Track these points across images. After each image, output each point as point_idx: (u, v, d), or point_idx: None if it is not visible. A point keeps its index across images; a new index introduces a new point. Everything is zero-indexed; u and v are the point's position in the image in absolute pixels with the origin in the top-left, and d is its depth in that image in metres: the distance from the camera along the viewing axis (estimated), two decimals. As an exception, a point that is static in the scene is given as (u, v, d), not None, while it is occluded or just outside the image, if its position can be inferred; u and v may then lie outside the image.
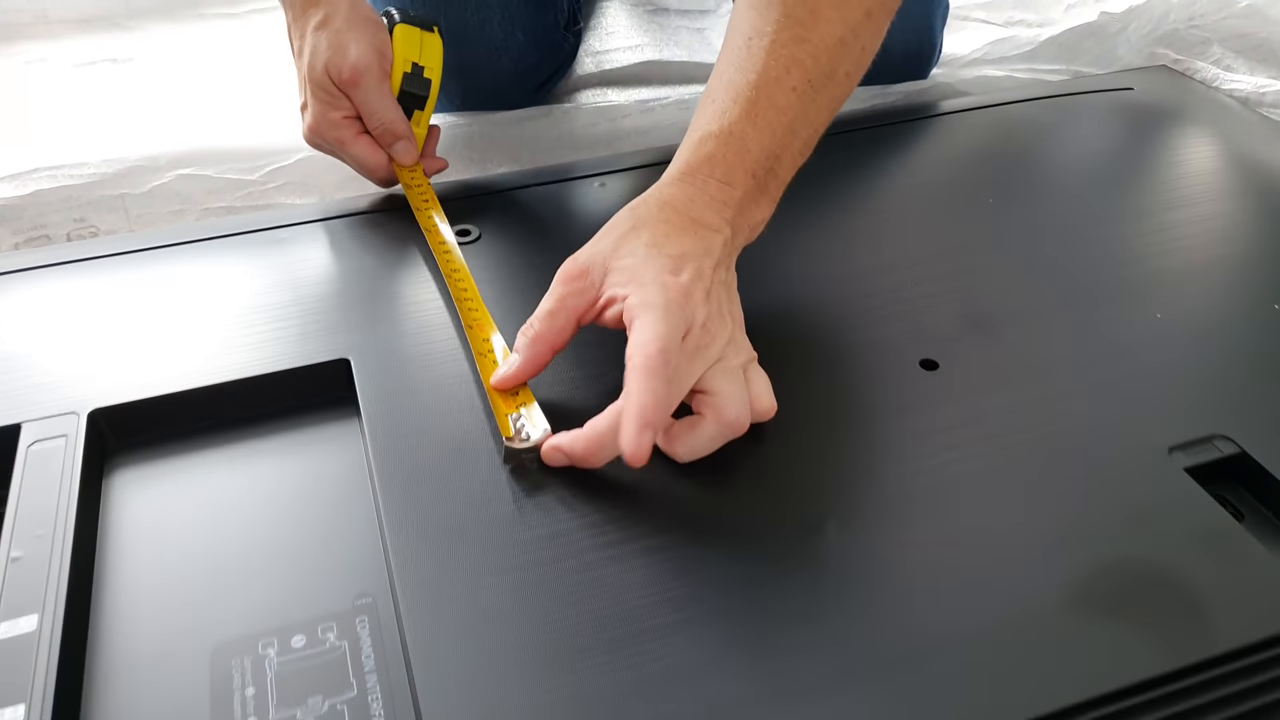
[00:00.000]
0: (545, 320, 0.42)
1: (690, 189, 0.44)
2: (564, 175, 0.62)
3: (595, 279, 0.42)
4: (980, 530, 0.38)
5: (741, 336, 0.43)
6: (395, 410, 0.43)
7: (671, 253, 0.42)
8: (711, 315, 0.41)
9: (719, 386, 0.40)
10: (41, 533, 0.38)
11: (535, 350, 0.42)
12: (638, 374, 0.37)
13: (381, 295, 0.50)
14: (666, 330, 0.38)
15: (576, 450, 0.39)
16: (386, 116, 0.55)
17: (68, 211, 0.62)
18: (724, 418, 0.40)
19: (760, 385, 0.42)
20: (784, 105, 0.45)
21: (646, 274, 0.41)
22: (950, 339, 0.47)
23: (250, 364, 0.45)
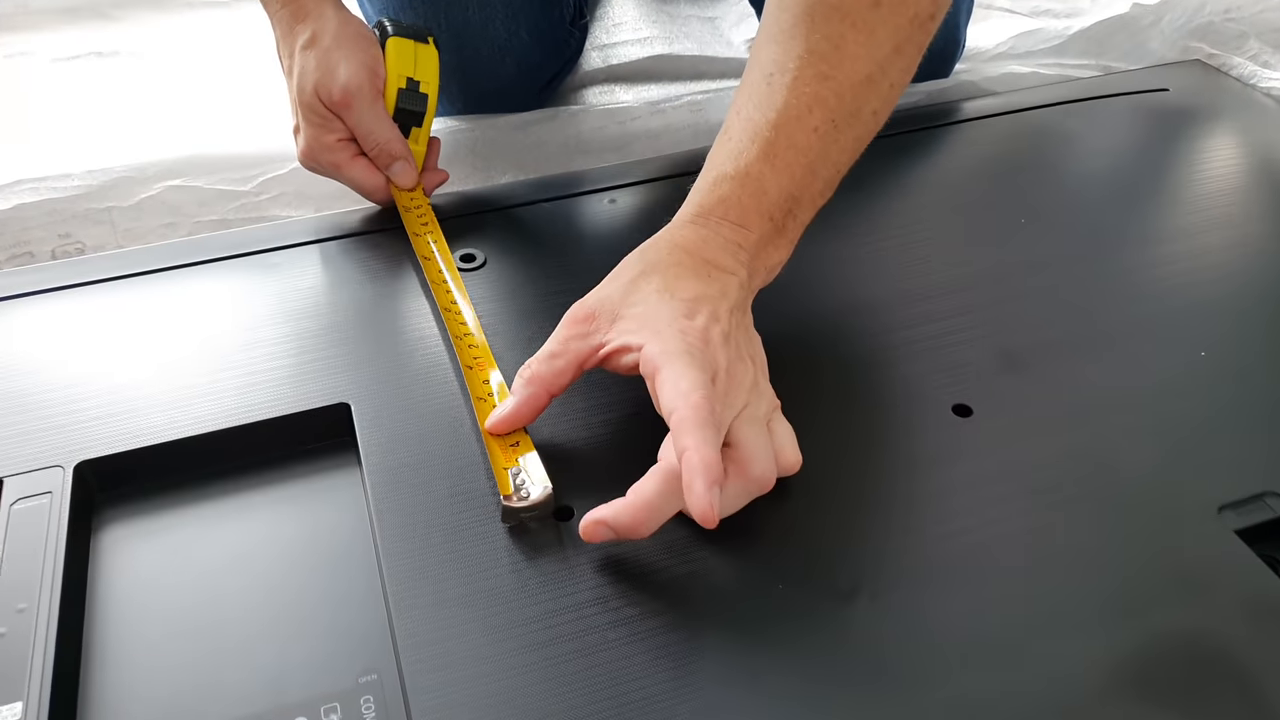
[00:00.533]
0: (545, 362, 0.40)
1: (704, 231, 0.42)
2: (572, 189, 0.59)
3: (603, 324, 0.40)
4: (1016, 600, 0.36)
5: (764, 382, 0.40)
6: (398, 464, 0.41)
7: (685, 296, 0.39)
8: (733, 360, 0.38)
9: (744, 439, 0.37)
10: (25, 606, 0.36)
11: (532, 391, 0.40)
12: (689, 426, 0.34)
13: (382, 329, 0.48)
14: (700, 377, 0.36)
15: (623, 522, 0.36)
16: (382, 137, 0.52)
17: (52, 227, 0.59)
18: (750, 474, 0.37)
19: (785, 437, 0.39)
20: (804, 146, 0.42)
21: (661, 320, 0.38)
22: (983, 379, 0.45)
23: (246, 409, 0.43)
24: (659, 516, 0.36)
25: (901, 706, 0.33)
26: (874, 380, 0.45)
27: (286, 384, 0.44)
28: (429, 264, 0.50)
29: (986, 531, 0.39)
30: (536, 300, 0.50)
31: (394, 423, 0.43)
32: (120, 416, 0.43)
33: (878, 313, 0.49)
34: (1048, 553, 0.38)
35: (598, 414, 0.43)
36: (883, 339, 0.47)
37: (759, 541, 0.38)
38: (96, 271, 0.52)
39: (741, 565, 0.37)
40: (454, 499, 0.40)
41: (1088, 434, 0.42)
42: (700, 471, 0.33)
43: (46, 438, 0.42)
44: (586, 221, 0.57)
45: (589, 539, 0.37)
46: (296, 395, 0.44)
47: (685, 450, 0.34)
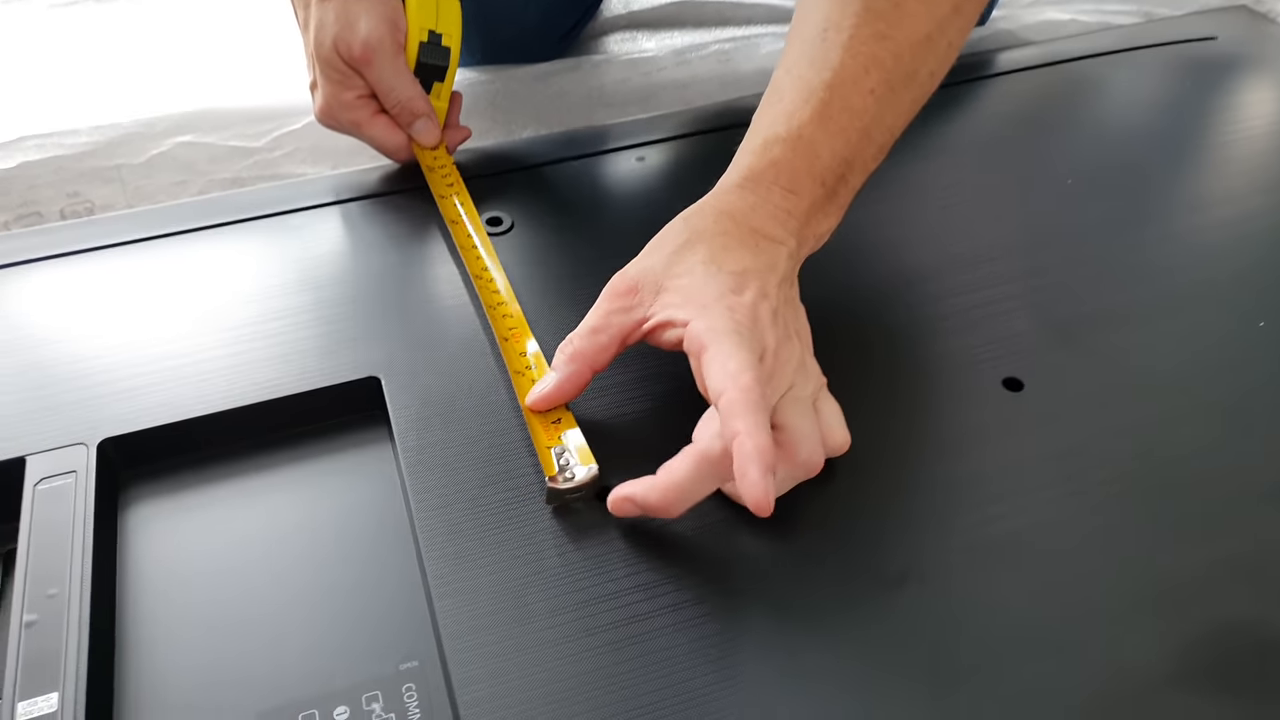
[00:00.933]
0: (587, 338, 0.39)
1: (752, 197, 0.40)
2: (599, 146, 0.57)
3: (645, 297, 0.38)
4: (1070, 586, 0.35)
5: (810, 360, 0.39)
6: (433, 442, 0.40)
7: (732, 269, 0.38)
8: (780, 339, 0.37)
9: (790, 422, 0.36)
10: (55, 591, 0.35)
11: (574, 369, 0.39)
12: (740, 409, 0.33)
13: (410, 297, 0.46)
14: (749, 357, 0.34)
15: (652, 501, 0.35)
16: (404, 94, 0.50)
17: (60, 185, 0.57)
18: (796, 458, 0.36)
19: (832, 417, 0.38)
20: (860, 109, 0.40)
21: (707, 295, 0.37)
22: (1035, 352, 0.43)
23: (272, 383, 0.42)
24: (689, 499, 0.35)
25: (955, 698, 0.32)
26: (921, 352, 0.44)
27: (314, 356, 0.43)
28: (457, 228, 0.48)
29: (1039, 514, 0.37)
30: (567, 266, 0.48)
31: (427, 397, 0.41)
32: (142, 391, 0.41)
33: (922, 280, 0.47)
34: (1103, 536, 0.37)
35: (639, 387, 0.42)
36: (928, 308, 0.46)
37: (805, 524, 0.37)
38: (110, 235, 0.50)
39: (787, 549, 0.36)
40: (493, 478, 0.38)
41: (1145, 411, 0.41)
42: (754, 458, 0.32)
43: (67, 414, 0.40)
44: (615, 181, 0.55)
45: (616, 513, 0.36)
46: (325, 368, 0.42)
47: (737, 435, 0.32)
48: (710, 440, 0.34)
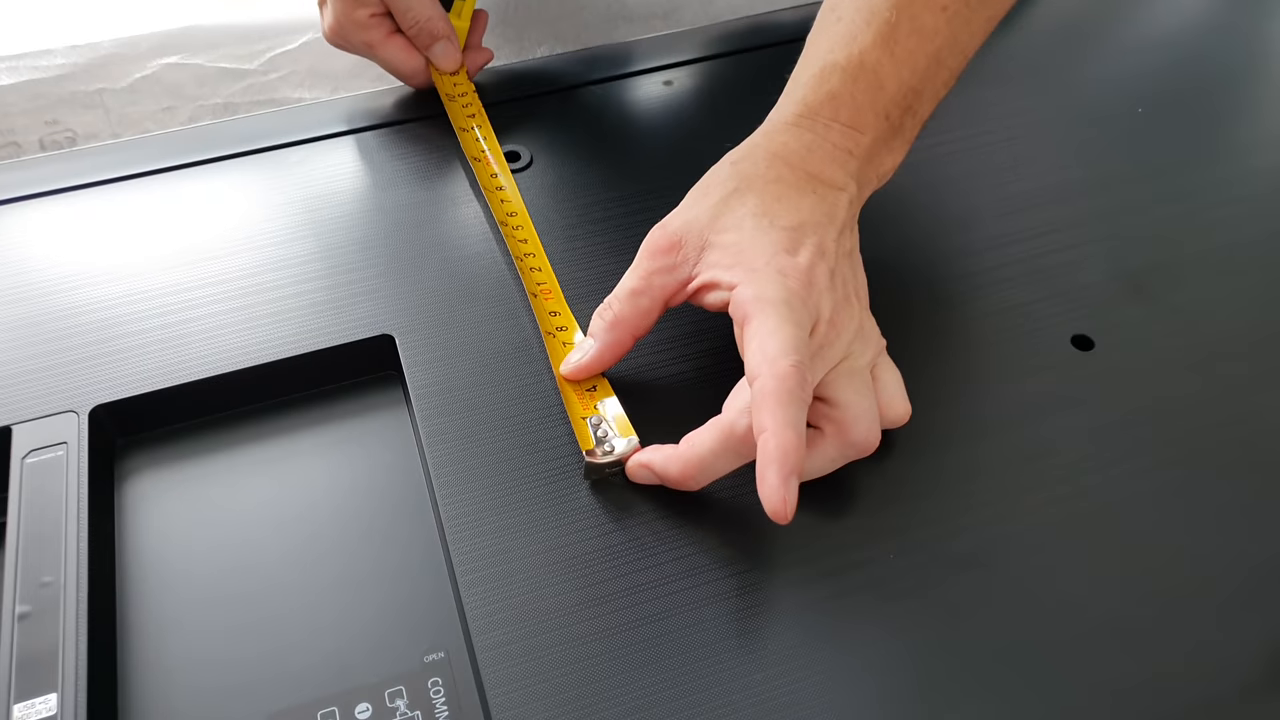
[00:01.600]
0: (628, 301, 0.35)
1: (808, 136, 0.36)
2: (621, 69, 0.52)
3: (690, 254, 0.35)
4: (1149, 570, 0.33)
5: (869, 321, 0.35)
6: (454, 408, 0.36)
7: (786, 224, 0.34)
8: (838, 303, 0.33)
9: (844, 397, 0.33)
10: (50, 579, 0.32)
11: (615, 336, 0.35)
12: (770, 403, 0.29)
13: (427, 244, 0.42)
14: (795, 335, 0.31)
15: (671, 473, 0.33)
16: (422, 14, 0.45)
17: (37, 113, 0.53)
18: (850, 437, 0.33)
19: (892, 387, 0.35)
20: (931, 30, 0.36)
21: (757, 255, 0.33)
22: (1106, 307, 0.40)
23: (276, 342, 0.38)
24: (710, 474, 0.33)
25: (1034, 690, 0.30)
26: (981, 308, 0.40)
27: (321, 312, 0.39)
28: (480, 166, 0.44)
29: (1115, 490, 0.34)
30: (594, 207, 0.44)
31: (447, 358, 0.38)
32: (136, 352, 0.38)
33: (979, 224, 0.43)
34: (1183, 515, 0.34)
35: (678, 345, 0.39)
36: (988, 257, 0.42)
37: (863, 501, 0.34)
38: (94, 169, 0.46)
39: (846, 529, 0.33)
40: (522, 449, 0.35)
41: (1231, 371, 0.38)
42: (776, 460, 0.29)
43: (54, 378, 0.37)
44: (641, 108, 0.50)
45: (633, 479, 0.34)
46: (334, 325, 0.39)
47: (763, 431, 0.29)
48: (737, 415, 0.31)
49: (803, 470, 0.30)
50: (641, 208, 0.44)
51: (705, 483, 0.33)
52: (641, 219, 0.43)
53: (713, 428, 0.32)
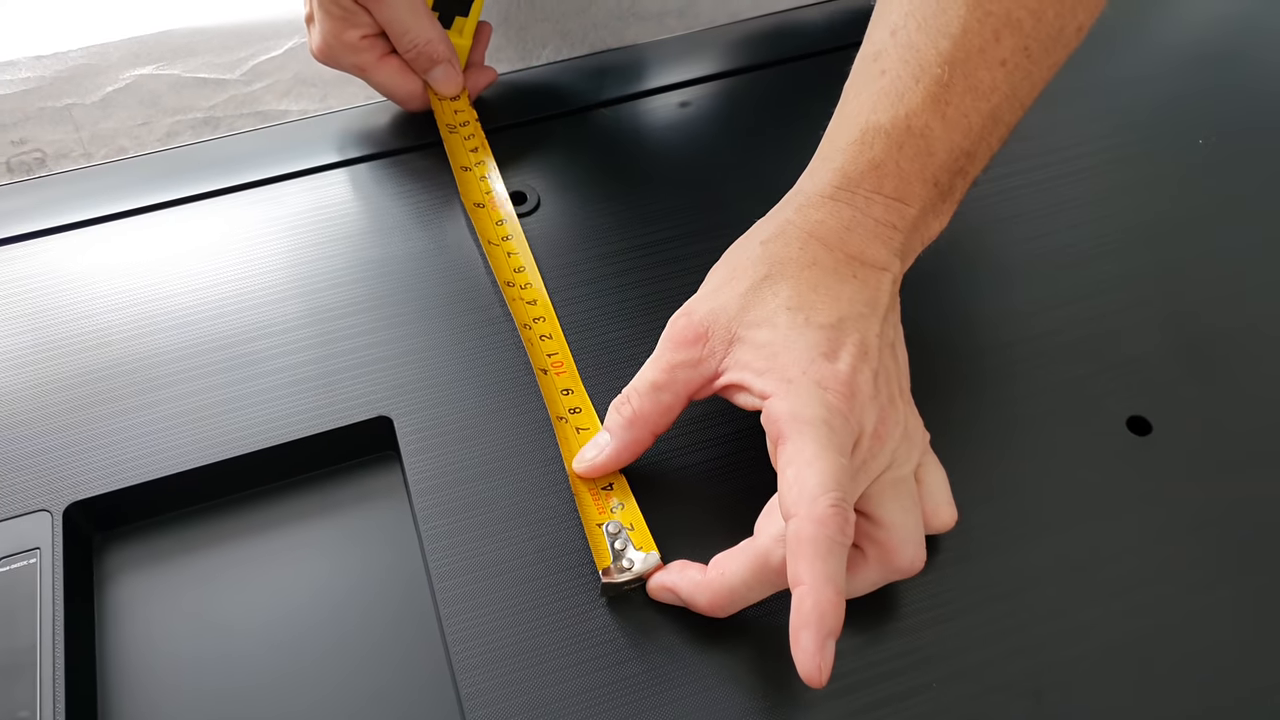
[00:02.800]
0: (649, 396, 0.32)
1: (847, 212, 0.32)
2: (634, 84, 0.48)
3: (716, 347, 0.31)
4: (1233, 702, 0.30)
5: (914, 419, 0.32)
6: (456, 504, 0.34)
7: (824, 320, 0.30)
8: (883, 409, 0.30)
9: (889, 516, 0.30)
10: (25, 715, 0.29)
11: (634, 435, 0.33)
12: (809, 551, 0.26)
13: (424, 302, 0.39)
14: (835, 466, 0.28)
15: (699, 602, 0.30)
16: (420, 36, 0.41)
17: (2, 132, 0.49)
18: (895, 562, 0.30)
19: (938, 492, 0.32)
20: (988, 87, 0.32)
21: (793, 361, 0.30)
22: (1165, 383, 0.37)
23: (266, 425, 0.35)
24: (741, 604, 0.30)
25: None
26: (1025, 384, 0.37)
27: (314, 390, 0.36)
28: (482, 214, 0.40)
29: (1189, 603, 0.32)
30: (608, 259, 0.40)
31: (449, 444, 0.35)
32: (111, 438, 0.35)
33: (1019, 283, 0.40)
34: (1269, 635, 0.31)
35: (698, 430, 0.36)
36: (1030, 323, 0.38)
37: (903, 620, 0.32)
38: (64, 203, 0.42)
39: (884, 653, 0.31)
40: (532, 556, 0.32)
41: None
42: (813, 622, 0.26)
43: (23, 472, 0.34)
44: (658, 135, 0.46)
45: (655, 598, 0.31)
46: (327, 406, 0.36)
47: (799, 584, 0.26)
48: (772, 545, 0.29)
49: (840, 628, 0.27)
50: (664, 258, 0.40)
51: (734, 611, 0.30)
52: (663, 272, 0.40)
53: (745, 556, 0.29)
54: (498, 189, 0.41)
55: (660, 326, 0.33)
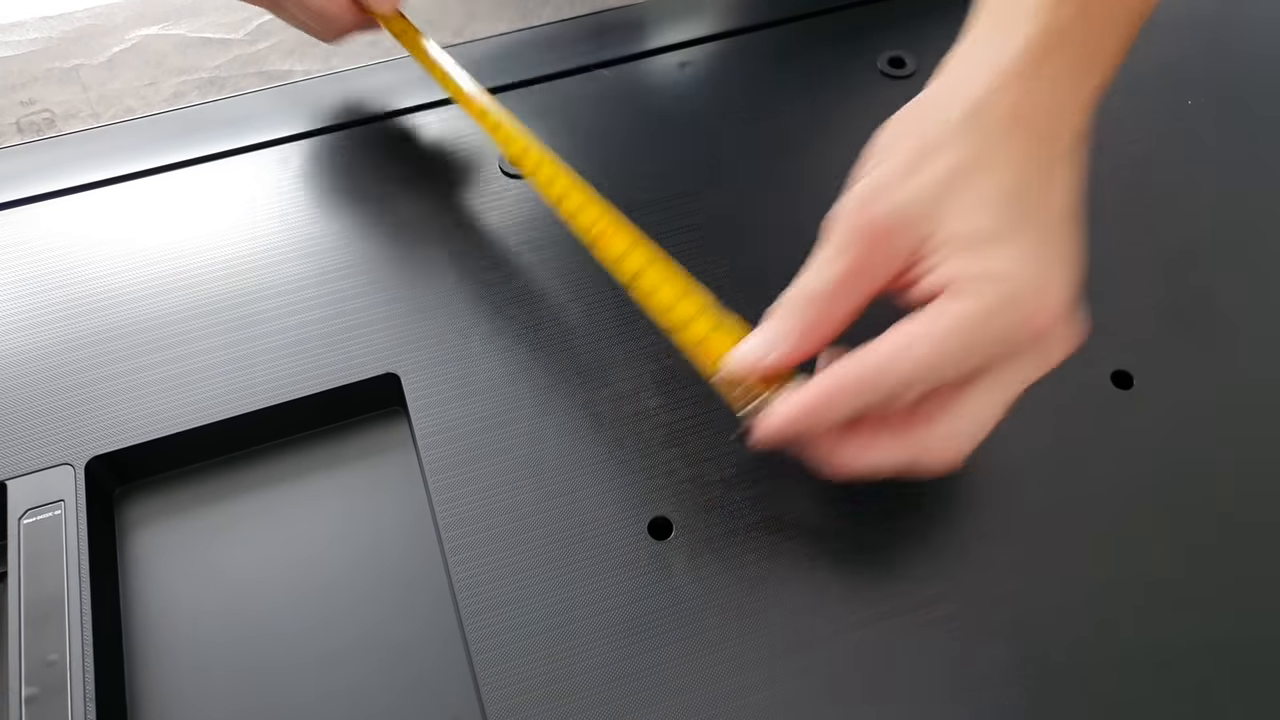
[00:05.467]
0: (826, 303, 0.28)
1: (1052, 77, 0.28)
2: (628, 46, 0.48)
3: (910, 241, 0.27)
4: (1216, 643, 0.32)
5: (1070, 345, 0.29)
6: (463, 457, 0.35)
7: (1056, 207, 0.28)
8: (1072, 324, 0.28)
9: (969, 409, 0.28)
10: (55, 657, 0.31)
11: (805, 348, 0.29)
12: (854, 384, 0.27)
13: (434, 264, 0.40)
14: (940, 358, 0.26)
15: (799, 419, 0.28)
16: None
17: (12, 93, 0.49)
18: (934, 454, 0.28)
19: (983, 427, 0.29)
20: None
21: (1000, 261, 0.27)
22: (1148, 338, 0.38)
23: (278, 381, 0.36)
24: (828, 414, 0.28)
25: None
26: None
27: (322, 348, 0.37)
28: (483, 116, 0.38)
29: (1173, 566, 0.33)
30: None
31: (455, 400, 0.36)
32: (130, 395, 0.36)
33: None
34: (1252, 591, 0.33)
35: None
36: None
37: (884, 563, 0.33)
38: (74, 164, 0.43)
39: (871, 580, 0.32)
40: (535, 497, 0.34)
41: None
42: (798, 412, 0.27)
43: (46, 428, 0.35)
44: (656, 98, 0.46)
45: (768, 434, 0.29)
46: (336, 363, 0.37)
47: (824, 381, 0.27)
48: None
49: (812, 425, 0.28)
50: (665, 216, 0.41)
51: (827, 426, 0.29)
52: (667, 229, 0.40)
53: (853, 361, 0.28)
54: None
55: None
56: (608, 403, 0.36)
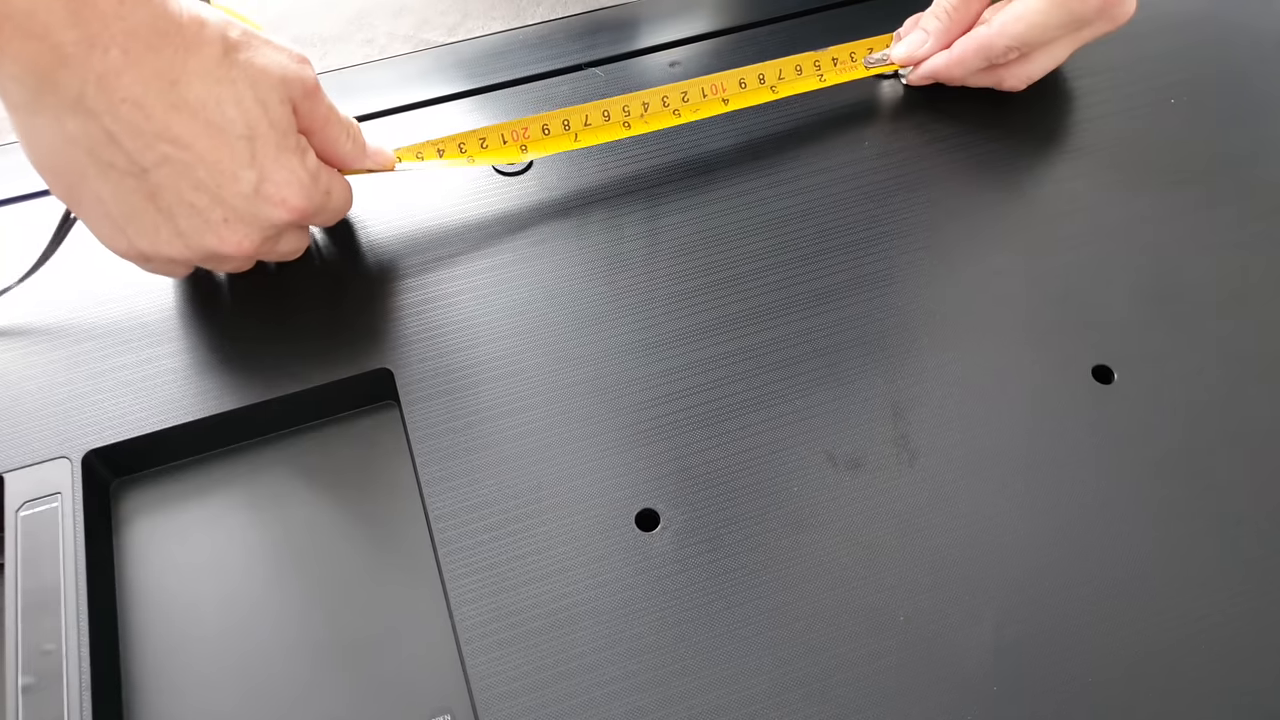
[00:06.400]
0: (961, 4, 0.43)
1: None
2: (619, 45, 0.49)
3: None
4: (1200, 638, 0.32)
5: None
6: (456, 449, 0.35)
7: None
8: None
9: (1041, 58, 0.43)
10: (51, 647, 0.32)
11: (949, 36, 0.44)
12: (970, 52, 0.43)
13: (426, 259, 0.40)
14: (1032, 29, 0.41)
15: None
16: (345, 115, 0.38)
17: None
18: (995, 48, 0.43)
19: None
20: None
21: None
22: (1128, 330, 0.38)
23: (272, 376, 0.37)
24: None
25: None
26: (992, 335, 0.38)
27: (317, 343, 0.38)
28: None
29: (1170, 567, 0.34)
30: (598, 220, 0.42)
31: (446, 394, 0.37)
32: (126, 389, 0.37)
33: (987, 235, 0.41)
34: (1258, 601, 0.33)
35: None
36: (1006, 271, 0.40)
37: (890, 555, 0.34)
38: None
39: (873, 594, 0.33)
40: (524, 487, 0.34)
41: (1266, 407, 0.37)
42: (932, 68, 0.45)
43: (43, 422, 0.36)
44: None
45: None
46: (329, 359, 0.37)
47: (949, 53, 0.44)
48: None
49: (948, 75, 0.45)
50: (654, 214, 0.42)
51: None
52: (656, 226, 0.41)
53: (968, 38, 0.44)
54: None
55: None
56: (596, 396, 0.36)
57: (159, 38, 0.31)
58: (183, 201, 0.33)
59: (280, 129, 0.34)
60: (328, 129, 0.36)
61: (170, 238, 0.34)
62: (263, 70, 0.33)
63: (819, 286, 0.39)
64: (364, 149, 0.38)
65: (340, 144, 0.37)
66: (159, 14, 0.31)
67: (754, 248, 0.40)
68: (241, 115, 0.33)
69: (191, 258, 0.35)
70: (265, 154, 0.33)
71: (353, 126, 0.38)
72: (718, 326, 0.38)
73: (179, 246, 0.34)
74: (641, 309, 0.39)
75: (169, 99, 0.31)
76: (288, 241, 0.37)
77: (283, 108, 0.34)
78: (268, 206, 0.34)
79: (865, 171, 0.43)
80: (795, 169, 0.43)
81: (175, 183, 0.33)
